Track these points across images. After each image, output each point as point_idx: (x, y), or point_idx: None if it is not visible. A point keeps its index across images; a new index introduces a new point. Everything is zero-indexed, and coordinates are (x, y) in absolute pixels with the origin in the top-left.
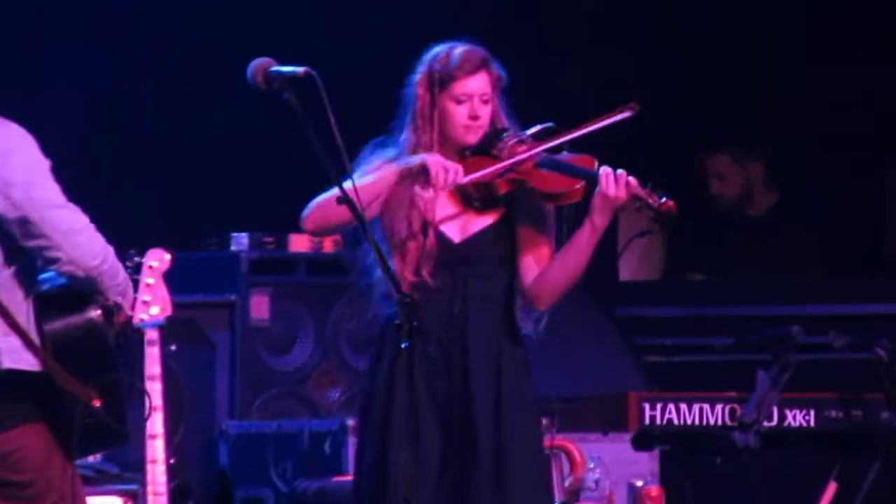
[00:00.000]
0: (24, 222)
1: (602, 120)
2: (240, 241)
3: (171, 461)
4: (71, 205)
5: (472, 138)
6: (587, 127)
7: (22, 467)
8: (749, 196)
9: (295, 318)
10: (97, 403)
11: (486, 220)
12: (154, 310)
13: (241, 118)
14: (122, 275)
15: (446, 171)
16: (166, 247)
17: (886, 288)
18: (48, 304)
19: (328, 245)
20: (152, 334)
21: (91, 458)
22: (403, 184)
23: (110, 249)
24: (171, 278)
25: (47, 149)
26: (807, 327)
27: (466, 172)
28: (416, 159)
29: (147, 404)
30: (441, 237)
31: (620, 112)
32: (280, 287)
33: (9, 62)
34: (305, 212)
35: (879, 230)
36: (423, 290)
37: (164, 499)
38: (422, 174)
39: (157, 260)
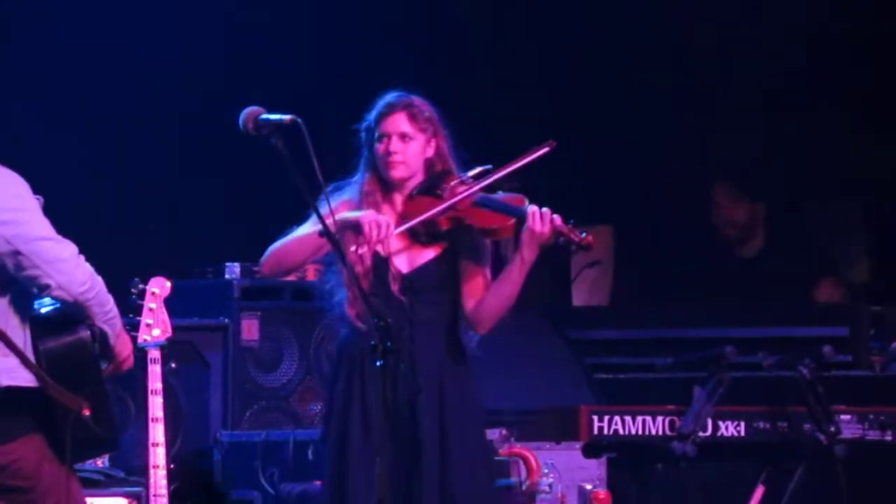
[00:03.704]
0: (16, 254)
1: (524, 157)
2: (232, 270)
3: (171, 467)
4: (58, 237)
5: (395, 173)
6: (512, 165)
7: (20, 475)
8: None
9: (281, 340)
10: (87, 412)
11: (431, 253)
12: (156, 332)
13: (235, 163)
14: (111, 306)
15: (378, 227)
16: (167, 275)
17: (809, 314)
18: (43, 325)
19: (311, 274)
20: (154, 353)
21: (100, 464)
22: (344, 233)
23: (99, 280)
24: (171, 303)
25: (59, 190)
26: (739, 348)
27: (411, 211)
28: (352, 215)
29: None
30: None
31: (540, 149)
32: (268, 311)
33: (14, 107)
34: (263, 258)
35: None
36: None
37: (165, 500)
38: (355, 229)
39: (159, 287)
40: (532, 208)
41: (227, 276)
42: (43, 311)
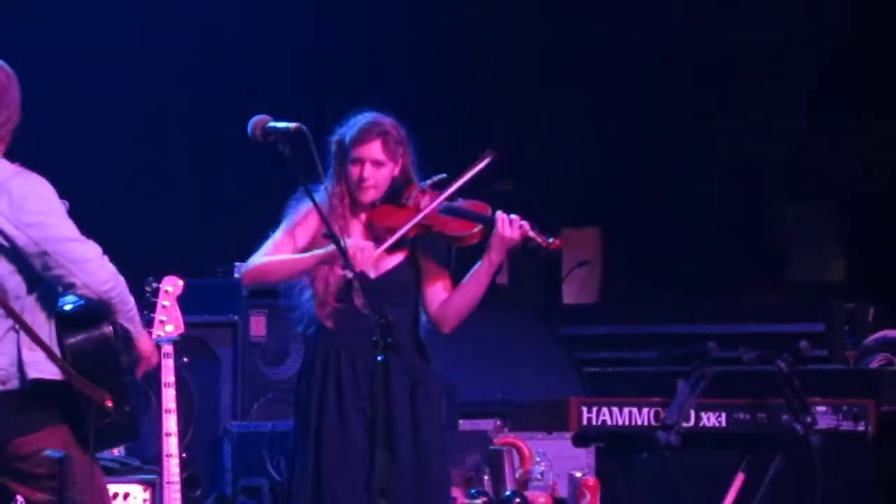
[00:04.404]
0: (43, 255)
1: (473, 167)
2: (241, 269)
3: (183, 455)
4: (83, 238)
5: (364, 196)
6: (465, 175)
7: (46, 463)
8: None
9: (287, 336)
10: (109, 404)
11: (396, 259)
12: (169, 328)
13: (243, 169)
14: (132, 304)
15: (362, 251)
16: (180, 274)
17: (787, 311)
18: (69, 321)
19: None
20: (167, 348)
21: (116, 453)
22: (325, 265)
23: (121, 279)
24: (184, 301)
25: (82, 195)
26: (720, 343)
27: (376, 219)
28: (333, 248)
29: (161, 407)
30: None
31: (485, 157)
32: (274, 309)
33: (43, 117)
34: (244, 269)
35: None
36: (349, 315)
37: (177, 487)
38: (341, 258)
39: (172, 285)
40: (501, 215)
41: (236, 275)
42: (67, 307)
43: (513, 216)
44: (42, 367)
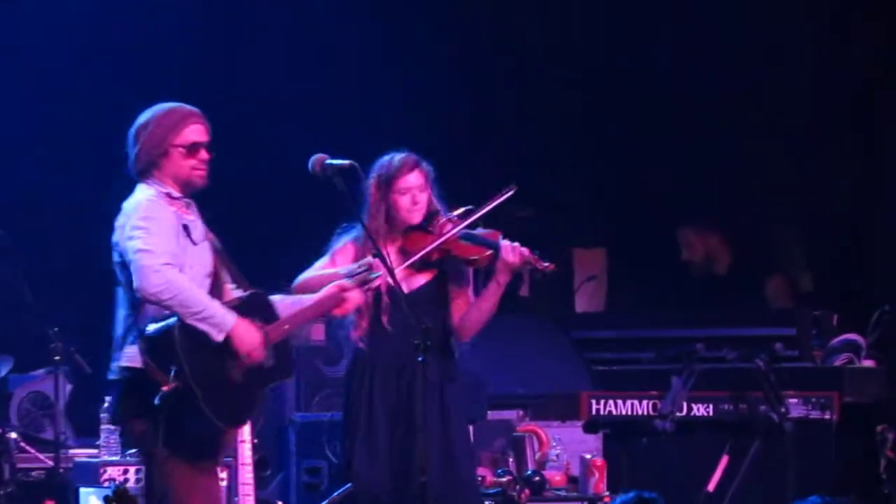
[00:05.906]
0: (123, 253)
1: (495, 199)
2: None
3: (255, 441)
4: (153, 252)
5: (416, 218)
6: (487, 206)
7: (142, 443)
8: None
9: (342, 340)
10: (165, 388)
11: (424, 278)
12: None
13: (313, 203)
14: (198, 308)
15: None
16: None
17: (764, 317)
18: (150, 320)
19: None
20: None
21: None
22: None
23: (180, 287)
24: None
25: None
26: (707, 345)
27: (406, 244)
28: (362, 261)
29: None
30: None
31: (507, 191)
32: (331, 318)
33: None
34: (294, 283)
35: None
36: (379, 336)
37: (250, 468)
38: (367, 271)
39: None
40: (505, 242)
41: None
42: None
43: (515, 243)
44: (133, 358)
